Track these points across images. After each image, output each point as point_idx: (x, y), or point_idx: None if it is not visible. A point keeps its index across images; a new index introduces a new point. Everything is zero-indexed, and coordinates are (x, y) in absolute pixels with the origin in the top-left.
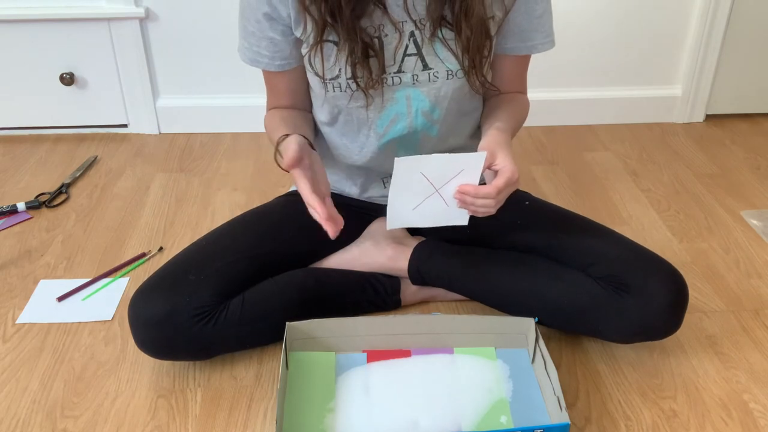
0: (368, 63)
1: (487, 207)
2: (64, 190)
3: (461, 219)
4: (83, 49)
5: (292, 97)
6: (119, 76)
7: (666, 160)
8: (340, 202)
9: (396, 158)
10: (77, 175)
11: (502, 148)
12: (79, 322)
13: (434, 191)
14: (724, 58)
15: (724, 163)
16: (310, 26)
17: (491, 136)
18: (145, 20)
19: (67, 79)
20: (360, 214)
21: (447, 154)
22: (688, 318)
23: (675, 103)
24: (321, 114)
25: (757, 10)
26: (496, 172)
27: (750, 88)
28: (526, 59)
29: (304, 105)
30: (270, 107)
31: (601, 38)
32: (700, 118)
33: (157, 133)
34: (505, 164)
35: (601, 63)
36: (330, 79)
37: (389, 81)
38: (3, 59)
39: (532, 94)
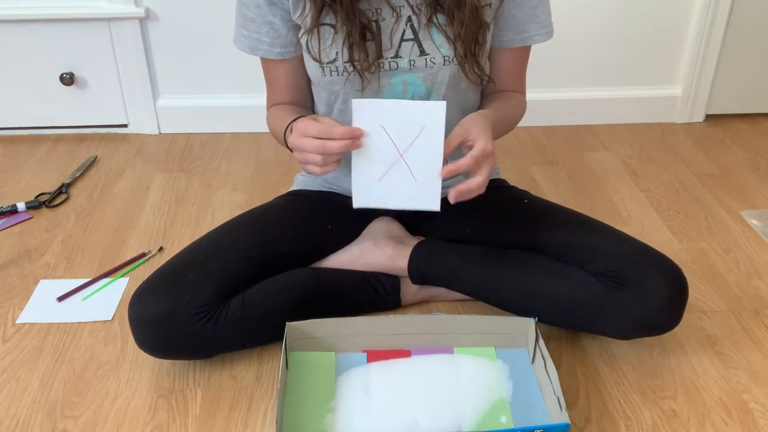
0: (365, 46)
1: (479, 186)
2: (64, 190)
3: (432, 202)
4: (83, 49)
5: (292, 93)
6: (119, 76)
7: (666, 160)
8: (341, 201)
9: (353, 99)
10: (77, 175)
11: (476, 125)
12: (79, 322)
13: (398, 156)
14: (724, 58)
15: (724, 163)
16: (308, 8)
17: (469, 116)
18: (145, 20)
19: (67, 79)
20: (360, 214)
21: (405, 100)
22: (688, 318)
23: (675, 103)
24: (318, 103)
25: (757, 10)
26: (471, 148)
27: (750, 88)
28: (524, 53)
29: (305, 102)
30: (270, 105)
31: (601, 38)
32: (700, 118)
33: (157, 133)
34: (477, 137)
35: (601, 63)
36: (327, 63)
37: (386, 66)
38: (3, 59)
39: (533, 94)
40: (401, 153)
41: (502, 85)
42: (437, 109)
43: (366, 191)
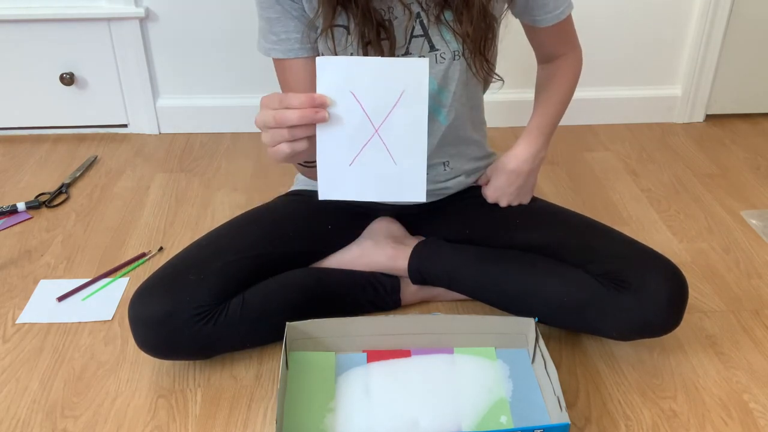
0: (380, 45)
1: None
2: (64, 190)
3: (416, 191)
4: (83, 49)
5: None
6: (119, 76)
7: (666, 160)
8: (341, 200)
9: (318, 57)
10: (77, 175)
11: (496, 175)
12: (79, 322)
13: (373, 131)
14: (724, 58)
15: (724, 163)
16: (321, 8)
17: (500, 160)
18: (145, 20)
19: (67, 79)
20: (360, 214)
21: (379, 57)
22: (688, 318)
23: (675, 103)
24: None
25: (757, 10)
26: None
27: (750, 88)
28: (563, 24)
29: None
30: None
31: (601, 38)
32: (700, 118)
33: (157, 133)
34: (485, 190)
35: (601, 63)
36: None
37: None
38: (3, 59)
39: (532, 95)
40: (376, 127)
41: (553, 54)
42: (419, 67)
43: (334, 180)
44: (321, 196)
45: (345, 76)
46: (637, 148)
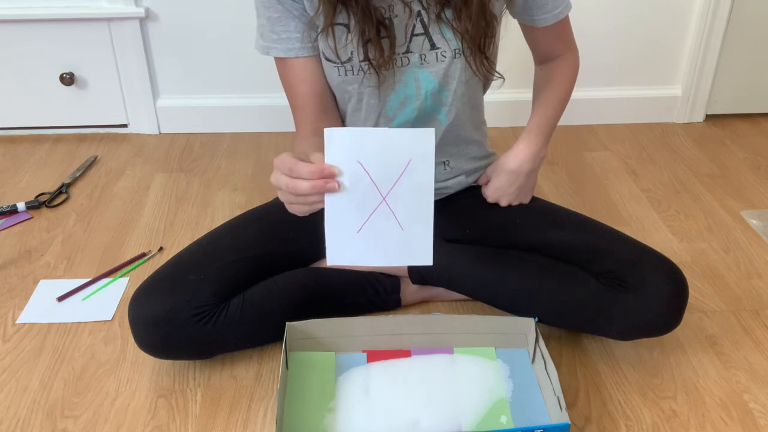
0: (380, 43)
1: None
2: (64, 190)
3: (424, 255)
4: (83, 49)
5: (320, 104)
6: (119, 76)
7: (666, 160)
8: None
9: (325, 128)
10: (77, 175)
11: (496, 174)
12: (79, 322)
13: (381, 200)
14: (724, 58)
15: (724, 163)
16: (321, 7)
17: (500, 160)
18: (145, 20)
19: (67, 79)
20: None
21: (386, 128)
22: (688, 318)
23: (675, 103)
24: None
25: (757, 10)
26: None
27: (750, 88)
28: (561, 24)
29: (333, 115)
30: (299, 132)
31: (601, 38)
32: (700, 118)
33: (157, 133)
34: (485, 190)
35: (601, 63)
36: (343, 62)
37: (398, 62)
38: (3, 59)
39: (531, 95)
40: (383, 196)
41: (551, 54)
42: (426, 138)
43: (342, 246)
44: (329, 262)
45: (353, 146)
46: (637, 148)
